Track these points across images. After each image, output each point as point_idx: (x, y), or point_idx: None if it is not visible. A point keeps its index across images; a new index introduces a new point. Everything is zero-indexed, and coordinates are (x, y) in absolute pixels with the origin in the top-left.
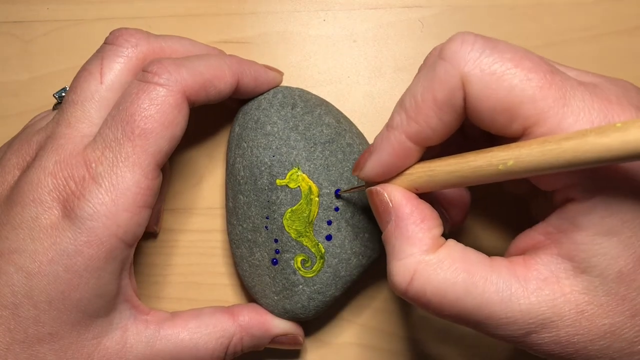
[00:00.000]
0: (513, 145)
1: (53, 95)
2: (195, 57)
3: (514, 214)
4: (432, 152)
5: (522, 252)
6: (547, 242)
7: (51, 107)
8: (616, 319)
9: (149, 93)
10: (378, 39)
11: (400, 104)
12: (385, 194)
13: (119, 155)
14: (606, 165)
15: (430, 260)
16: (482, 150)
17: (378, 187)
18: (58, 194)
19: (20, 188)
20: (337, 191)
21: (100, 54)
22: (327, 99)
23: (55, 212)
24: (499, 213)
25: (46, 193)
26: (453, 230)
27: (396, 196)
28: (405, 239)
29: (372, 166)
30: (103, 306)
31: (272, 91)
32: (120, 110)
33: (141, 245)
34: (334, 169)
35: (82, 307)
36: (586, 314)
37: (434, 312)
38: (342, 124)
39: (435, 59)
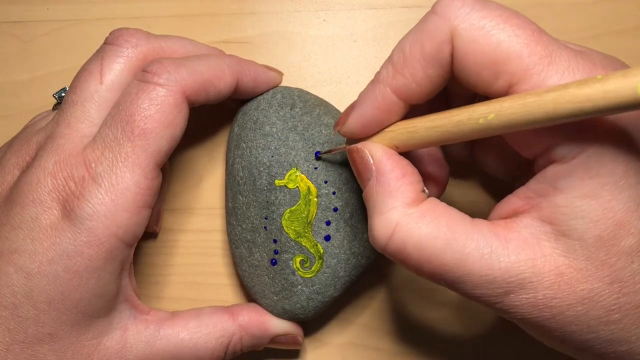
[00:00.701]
0: (495, 100)
1: (53, 95)
2: (195, 57)
3: (496, 194)
4: (414, 115)
5: (504, 218)
6: (527, 207)
7: (51, 107)
8: (595, 285)
9: (148, 93)
10: (378, 39)
11: (389, 58)
12: (366, 151)
13: (118, 155)
14: (588, 118)
15: (412, 213)
16: (464, 106)
17: (358, 145)
18: (58, 194)
19: (20, 188)
20: (317, 153)
21: (100, 54)
22: (327, 99)
23: (55, 212)
24: (481, 194)
25: (46, 193)
26: None
27: (377, 152)
28: (388, 193)
29: (354, 120)
30: (103, 306)
31: (271, 91)
32: (120, 110)
33: (141, 245)
34: (332, 169)
35: (82, 307)
36: (565, 277)
37: (413, 268)
38: None
39: (425, 14)
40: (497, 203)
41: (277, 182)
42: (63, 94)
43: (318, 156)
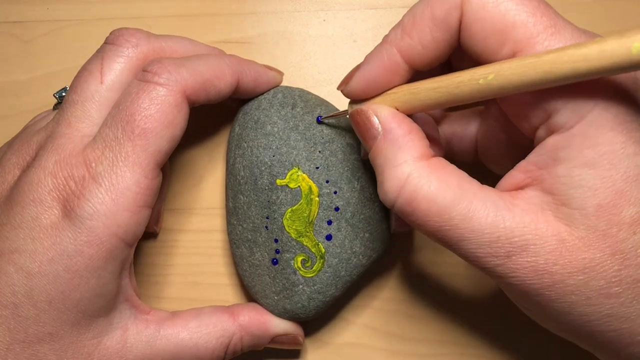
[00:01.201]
0: (496, 62)
1: (53, 95)
2: (196, 57)
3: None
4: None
5: (508, 190)
6: (529, 180)
7: (51, 107)
8: (596, 254)
9: (149, 93)
10: (378, 39)
11: (399, 21)
12: (370, 111)
13: (119, 155)
14: (587, 83)
15: (424, 166)
16: (466, 69)
17: (362, 106)
18: (58, 193)
19: (20, 188)
20: (318, 118)
21: (101, 54)
22: (327, 99)
23: (55, 211)
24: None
25: (46, 193)
26: None
27: (382, 112)
28: (397, 148)
29: (358, 80)
30: (103, 306)
31: (272, 91)
32: (120, 110)
33: (141, 245)
34: (334, 169)
35: (82, 307)
36: (567, 243)
37: (419, 222)
38: (342, 124)
39: None
40: (500, 180)
41: (278, 181)
42: (63, 94)
43: (319, 121)
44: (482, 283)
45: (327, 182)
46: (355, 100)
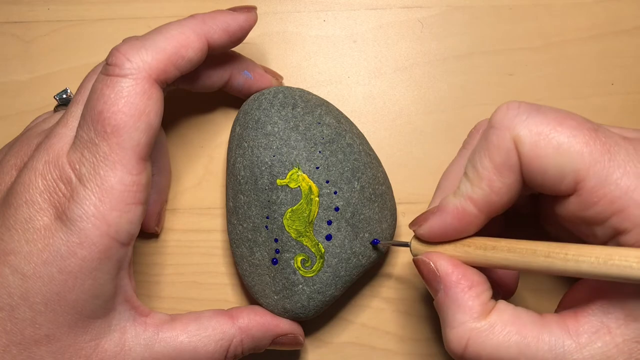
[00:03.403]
0: (580, 246)
1: (54, 97)
2: (155, 32)
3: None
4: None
5: (573, 306)
6: (596, 294)
7: (52, 108)
8: None
9: (113, 87)
10: (378, 39)
11: (464, 175)
12: (432, 263)
13: (97, 156)
14: None
15: (482, 327)
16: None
17: (424, 257)
18: (49, 195)
19: (14, 189)
20: (375, 241)
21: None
22: (327, 99)
23: (48, 213)
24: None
25: (38, 194)
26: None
27: (442, 265)
28: (456, 307)
29: (433, 226)
30: (101, 307)
31: (272, 91)
32: (89, 110)
33: (141, 245)
34: (334, 169)
35: (79, 309)
36: None
37: None
38: (342, 124)
39: (485, 130)
40: (566, 291)
41: (278, 181)
42: (64, 96)
43: (376, 244)
44: None
45: (327, 182)
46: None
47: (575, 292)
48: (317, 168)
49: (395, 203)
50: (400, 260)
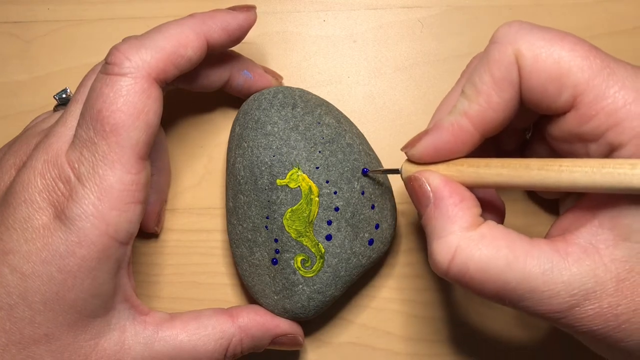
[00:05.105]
0: (575, 160)
1: (54, 96)
2: (155, 31)
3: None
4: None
5: (562, 233)
6: (586, 217)
7: (52, 108)
8: None
9: (112, 86)
10: (378, 39)
11: (462, 93)
12: (424, 179)
13: (96, 155)
14: None
15: (472, 236)
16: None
17: (416, 174)
18: (48, 194)
19: (13, 188)
20: (364, 170)
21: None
22: (327, 99)
23: (47, 212)
24: (534, 216)
25: (36, 193)
26: None
27: (434, 180)
28: (446, 218)
29: (426, 145)
30: (100, 306)
31: (272, 91)
32: (88, 109)
33: (141, 245)
34: (334, 169)
35: (78, 308)
36: (627, 282)
37: (476, 289)
38: (342, 124)
39: (486, 48)
40: (552, 224)
41: (278, 181)
42: (64, 96)
43: (365, 173)
44: None
45: (327, 182)
46: (411, 160)
47: (564, 221)
48: (317, 168)
49: (395, 203)
50: (401, 260)
